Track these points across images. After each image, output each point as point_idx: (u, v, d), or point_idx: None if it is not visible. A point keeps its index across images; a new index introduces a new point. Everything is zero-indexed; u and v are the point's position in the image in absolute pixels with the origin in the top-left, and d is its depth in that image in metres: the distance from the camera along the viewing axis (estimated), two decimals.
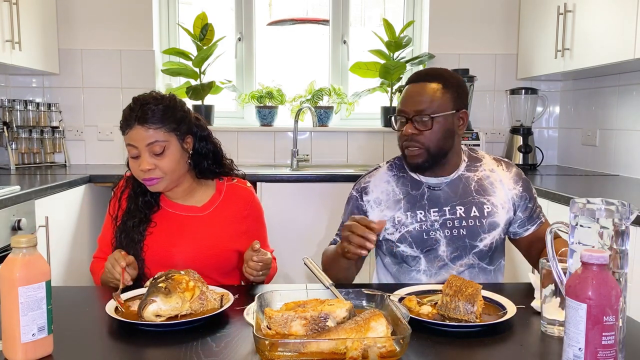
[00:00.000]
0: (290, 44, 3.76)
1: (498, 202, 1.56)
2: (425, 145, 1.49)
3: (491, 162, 1.62)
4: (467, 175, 1.58)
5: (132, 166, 1.50)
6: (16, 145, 3.12)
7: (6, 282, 0.94)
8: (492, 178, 1.58)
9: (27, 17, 2.88)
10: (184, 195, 1.59)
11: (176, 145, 1.50)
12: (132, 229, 1.51)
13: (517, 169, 1.63)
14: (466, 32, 3.45)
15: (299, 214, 2.90)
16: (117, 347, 1.07)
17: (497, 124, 3.55)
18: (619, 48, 2.40)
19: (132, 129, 1.46)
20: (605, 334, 0.84)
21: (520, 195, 1.57)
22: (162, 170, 1.47)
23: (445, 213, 1.53)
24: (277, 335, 1.00)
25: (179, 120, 1.50)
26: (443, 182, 1.56)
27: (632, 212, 0.92)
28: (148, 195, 1.55)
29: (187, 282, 1.17)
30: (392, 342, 0.95)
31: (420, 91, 1.49)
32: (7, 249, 2.05)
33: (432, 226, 1.52)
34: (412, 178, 1.59)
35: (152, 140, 1.45)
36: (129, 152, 1.49)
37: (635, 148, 2.81)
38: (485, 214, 1.54)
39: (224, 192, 1.62)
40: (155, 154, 1.46)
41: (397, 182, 1.59)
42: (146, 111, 1.45)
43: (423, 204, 1.55)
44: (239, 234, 1.58)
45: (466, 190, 1.55)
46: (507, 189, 1.57)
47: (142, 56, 3.38)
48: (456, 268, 1.53)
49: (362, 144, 3.51)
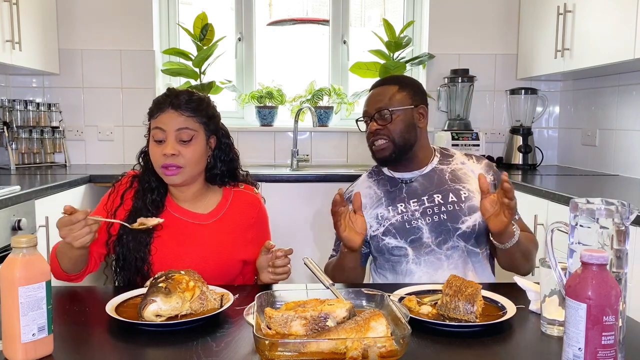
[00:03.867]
0: (290, 44, 3.76)
1: (473, 188, 1.62)
2: (390, 137, 1.60)
3: (462, 157, 1.72)
4: (441, 167, 1.67)
5: (154, 151, 1.47)
6: (16, 145, 3.12)
7: (6, 282, 0.94)
8: (464, 169, 1.67)
9: (27, 17, 2.88)
10: (191, 198, 1.55)
11: (203, 139, 1.49)
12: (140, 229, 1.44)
13: (487, 161, 1.72)
14: (466, 32, 3.45)
15: (299, 214, 2.90)
16: (117, 347, 1.07)
17: (497, 124, 3.55)
18: (619, 48, 2.40)
19: (164, 112, 1.46)
20: (605, 334, 0.84)
21: (492, 183, 1.64)
22: (185, 159, 1.45)
23: (424, 202, 1.61)
24: (277, 335, 1.00)
25: (210, 116, 1.52)
26: (417, 175, 1.66)
27: (632, 212, 0.92)
28: (155, 193, 1.52)
29: (187, 282, 1.17)
30: (392, 342, 0.95)
31: (379, 92, 1.65)
32: (7, 249, 2.05)
33: (413, 215, 1.60)
34: (389, 177, 1.69)
35: (182, 126, 1.45)
36: (155, 136, 1.46)
37: (635, 148, 2.81)
38: (463, 198, 1.61)
39: (230, 199, 1.58)
40: (182, 140, 1.45)
41: (377, 185, 1.70)
42: (181, 99, 1.47)
43: (402, 197, 1.63)
44: (245, 242, 1.55)
45: (441, 180, 1.64)
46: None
47: (142, 56, 3.38)
48: (443, 252, 1.58)
49: (362, 144, 3.48)
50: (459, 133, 3.26)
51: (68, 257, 1.40)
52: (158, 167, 1.47)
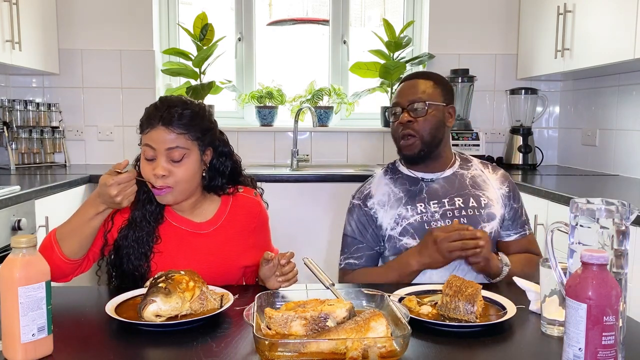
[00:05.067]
0: (290, 44, 3.76)
1: (492, 197, 1.62)
2: (420, 133, 1.57)
3: (479, 164, 1.71)
4: (462, 172, 1.66)
5: (146, 170, 1.39)
6: (16, 145, 3.12)
7: (6, 282, 0.94)
8: (483, 177, 1.66)
9: (27, 17, 2.88)
10: (190, 208, 1.49)
11: (196, 156, 1.41)
12: (140, 241, 1.42)
13: (503, 172, 1.71)
14: (466, 32, 3.45)
15: (299, 214, 2.90)
16: (117, 347, 1.07)
17: (497, 124, 3.55)
18: (619, 48, 2.40)
19: (154, 128, 1.37)
20: (605, 334, 0.84)
21: (507, 195, 1.64)
22: (175, 179, 1.38)
23: (444, 204, 1.59)
24: (277, 335, 1.00)
25: (204, 130, 1.42)
26: (439, 177, 1.63)
27: (632, 212, 0.92)
28: (154, 204, 1.45)
29: (187, 282, 1.17)
30: (392, 342, 0.95)
31: (414, 85, 1.62)
32: (7, 249, 2.05)
33: (433, 217, 1.57)
34: (408, 176, 1.65)
35: (173, 145, 1.36)
36: (145, 153, 1.39)
37: (635, 148, 2.81)
38: (483, 205, 1.60)
39: (230, 206, 1.53)
40: (173, 160, 1.37)
41: (394, 183, 1.65)
42: (173, 113, 1.37)
43: (422, 197, 1.61)
44: (246, 248, 1.52)
45: (462, 185, 1.62)
46: (496, 188, 1.65)
47: (142, 56, 3.38)
48: None
49: (362, 144, 3.51)
50: (459, 133, 3.26)
51: (80, 235, 1.35)
52: (149, 186, 1.41)
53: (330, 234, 2.83)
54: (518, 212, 1.65)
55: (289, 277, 1.36)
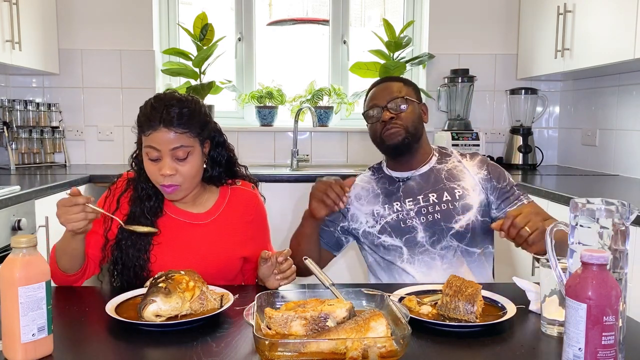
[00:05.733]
0: (290, 44, 3.76)
1: (468, 186, 1.64)
2: (404, 124, 1.61)
3: (458, 156, 1.74)
4: (439, 167, 1.69)
5: (151, 170, 1.41)
6: (16, 145, 3.12)
7: (6, 282, 0.94)
8: (460, 167, 1.69)
9: (27, 17, 2.88)
10: (191, 200, 1.52)
11: (198, 151, 1.43)
12: (139, 236, 1.44)
13: (481, 157, 1.73)
14: (466, 32, 3.45)
15: (299, 214, 2.87)
16: (117, 347, 1.07)
17: (497, 124, 3.55)
18: (619, 48, 2.40)
19: (155, 130, 1.37)
20: (605, 334, 0.84)
21: (486, 178, 1.66)
22: (182, 176, 1.40)
23: (419, 201, 1.63)
24: (277, 335, 1.00)
25: (202, 125, 1.44)
26: (415, 174, 1.67)
27: (632, 212, 0.92)
28: (153, 199, 1.48)
29: (187, 282, 1.17)
30: (392, 342, 0.95)
31: (386, 87, 1.66)
32: (7, 249, 2.05)
33: (408, 215, 1.62)
34: (388, 176, 1.71)
35: (177, 144, 1.38)
36: (149, 154, 1.40)
37: (635, 148, 2.81)
38: (457, 197, 1.62)
39: (228, 197, 1.56)
40: (178, 158, 1.39)
41: (377, 181, 1.72)
42: (172, 114, 1.37)
43: (398, 195, 1.66)
44: (245, 240, 1.54)
45: (437, 179, 1.66)
46: (473, 174, 1.67)
47: (142, 56, 3.38)
48: (437, 252, 1.59)
49: (362, 144, 3.51)
50: (459, 133, 3.26)
51: (65, 254, 1.38)
52: (158, 184, 1.44)
53: None
54: (506, 190, 1.63)
55: (287, 275, 1.38)
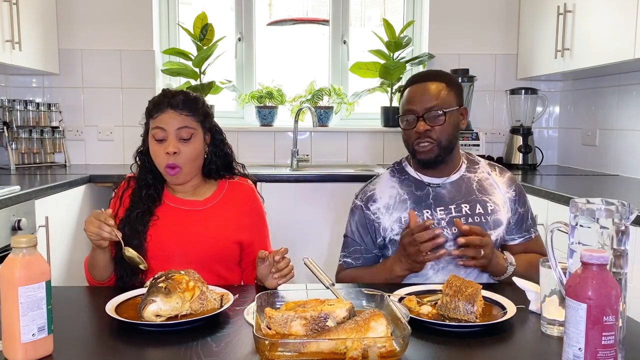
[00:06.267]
0: (290, 44, 3.76)
1: (499, 202, 1.59)
2: (437, 140, 1.53)
3: (486, 166, 1.66)
4: (469, 175, 1.62)
5: (156, 150, 1.52)
6: (16, 145, 3.12)
7: (6, 282, 0.94)
8: (490, 181, 1.63)
9: (27, 17, 2.88)
10: (190, 190, 1.61)
11: (200, 136, 1.56)
12: (136, 219, 1.52)
13: (510, 175, 1.67)
14: (466, 32, 3.45)
15: (299, 214, 2.90)
16: (117, 347, 1.07)
17: (497, 124, 3.55)
18: (619, 48, 2.40)
19: (163, 112, 1.51)
20: (605, 334, 0.84)
21: (514, 199, 1.61)
22: (184, 157, 1.51)
23: (451, 211, 1.55)
24: (277, 335, 1.00)
25: (205, 114, 1.58)
26: (446, 182, 1.59)
27: (632, 212, 0.92)
28: (152, 188, 1.58)
29: (187, 282, 1.17)
30: (392, 342, 0.95)
31: (427, 89, 1.54)
32: (7, 249, 2.05)
33: (439, 224, 1.54)
34: (415, 179, 1.61)
35: (182, 124, 1.51)
36: (155, 135, 1.51)
37: (635, 148, 2.81)
38: (489, 211, 1.56)
39: (226, 189, 1.64)
40: (182, 139, 1.51)
41: (400, 185, 1.62)
42: (178, 99, 1.53)
43: (429, 202, 1.57)
44: (240, 227, 1.59)
45: (469, 189, 1.59)
46: (502, 191, 1.61)
47: (142, 56, 3.38)
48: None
49: (362, 144, 3.51)
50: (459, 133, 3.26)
51: (91, 264, 1.49)
52: (162, 167, 1.53)
53: (330, 234, 2.83)
54: (523, 217, 1.62)
55: (285, 273, 1.39)
